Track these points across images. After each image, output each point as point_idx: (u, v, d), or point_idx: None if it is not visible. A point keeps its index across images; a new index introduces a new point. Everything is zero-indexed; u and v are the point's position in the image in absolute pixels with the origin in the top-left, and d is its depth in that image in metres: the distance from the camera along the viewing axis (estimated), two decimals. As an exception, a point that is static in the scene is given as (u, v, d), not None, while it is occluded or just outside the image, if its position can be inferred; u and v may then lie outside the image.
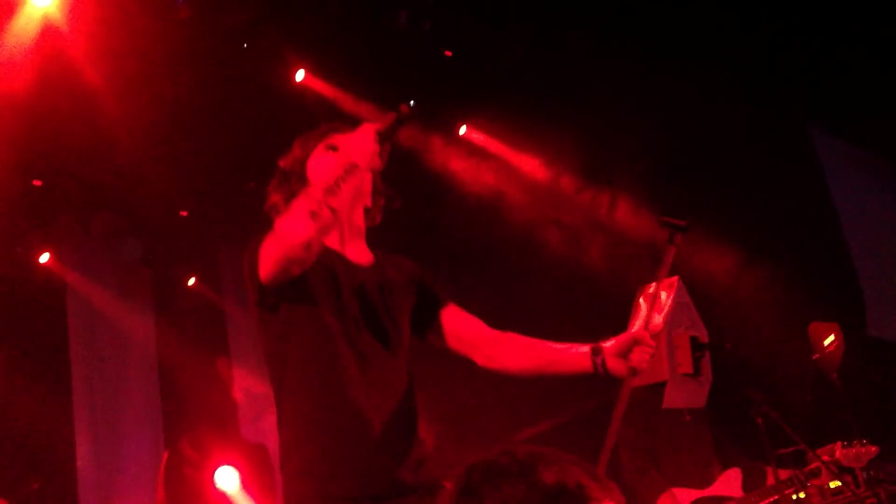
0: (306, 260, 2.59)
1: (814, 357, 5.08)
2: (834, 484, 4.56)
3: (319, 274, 2.71)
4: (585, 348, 2.90)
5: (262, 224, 2.89)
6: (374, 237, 3.07)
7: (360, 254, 2.91)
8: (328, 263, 2.77)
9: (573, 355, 2.92)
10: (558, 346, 2.98)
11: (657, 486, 4.85)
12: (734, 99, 6.51)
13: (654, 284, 4.55)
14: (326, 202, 2.56)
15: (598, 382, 3.00)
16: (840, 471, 4.47)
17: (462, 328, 3.02)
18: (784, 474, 4.64)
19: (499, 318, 3.09)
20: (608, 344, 2.88)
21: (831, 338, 5.00)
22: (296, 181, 2.92)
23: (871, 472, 4.41)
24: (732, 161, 6.59)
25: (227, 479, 6.81)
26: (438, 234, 7.67)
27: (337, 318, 2.72)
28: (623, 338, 2.87)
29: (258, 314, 2.79)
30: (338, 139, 2.92)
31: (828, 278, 6.24)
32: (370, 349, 2.74)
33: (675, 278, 3.81)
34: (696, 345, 3.40)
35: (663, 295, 4.33)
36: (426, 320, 3.01)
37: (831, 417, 5.17)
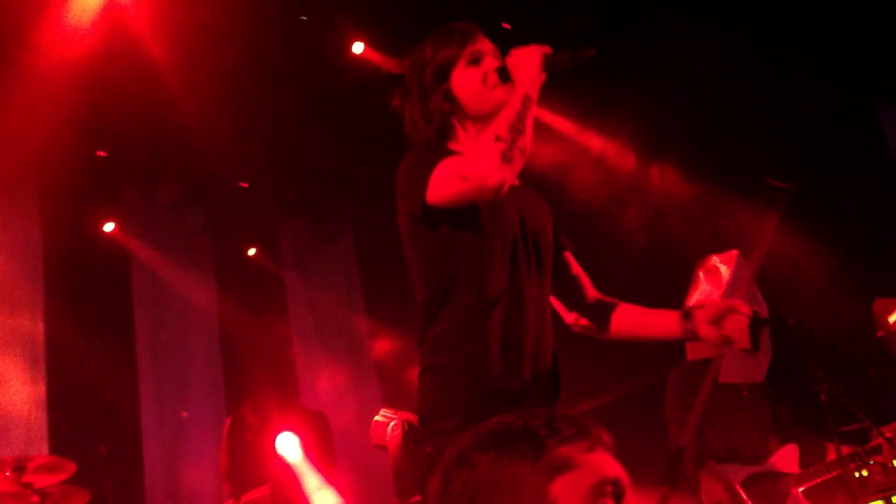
0: (491, 200, 2.57)
1: (878, 334, 5.00)
2: (897, 462, 4.50)
3: None
4: (676, 313, 2.85)
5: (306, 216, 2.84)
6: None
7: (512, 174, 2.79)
8: None
9: (663, 319, 2.88)
10: (650, 310, 2.93)
11: (697, 462, 4.84)
12: (800, 73, 6.39)
13: (716, 258, 4.50)
14: (517, 144, 2.53)
15: (657, 355, 2.96)
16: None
17: (572, 280, 3.00)
18: (846, 451, 4.59)
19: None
20: (700, 310, 2.81)
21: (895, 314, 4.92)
22: (443, 97, 2.79)
23: None
24: (798, 136, 6.49)
25: (288, 445, 6.90)
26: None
27: (499, 236, 2.69)
28: (717, 304, 2.79)
29: (411, 224, 2.73)
30: (479, 49, 2.82)
31: (893, 254, 6.12)
32: (527, 270, 2.72)
33: (734, 252, 3.76)
34: (754, 320, 3.36)
35: (724, 269, 4.30)
36: (556, 257, 2.97)
37: (895, 395, 5.09)
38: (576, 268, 3.02)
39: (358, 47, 6.67)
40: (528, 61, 2.66)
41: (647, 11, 6.45)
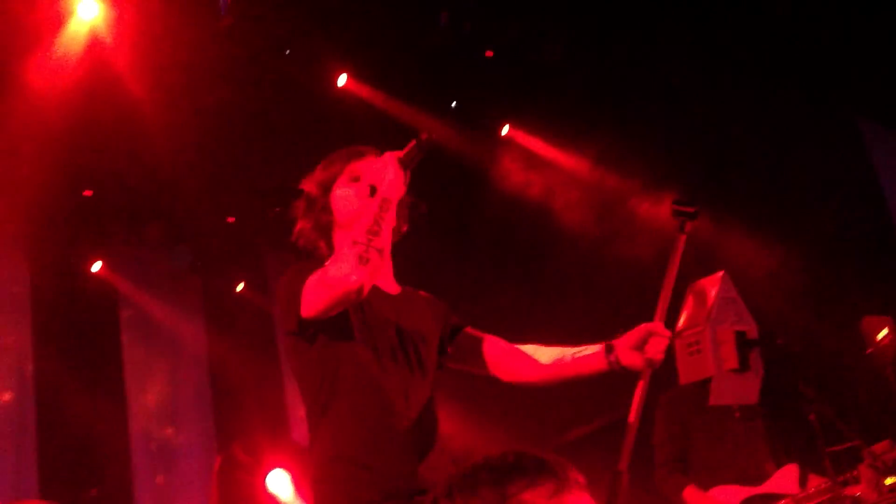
0: (355, 302, 2.68)
1: (867, 351, 5.00)
2: (889, 481, 4.47)
3: (356, 306, 2.79)
4: (598, 347, 2.94)
5: (293, 250, 2.99)
6: (414, 244, 3.11)
7: (388, 284, 3.00)
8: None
9: (589, 357, 2.95)
10: (574, 350, 3.01)
11: (679, 484, 4.82)
12: (785, 92, 6.44)
13: (703, 281, 4.50)
14: (372, 245, 2.63)
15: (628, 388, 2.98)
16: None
17: (482, 350, 3.09)
18: (838, 471, 4.57)
19: (543, 319, 3.10)
20: (620, 339, 2.90)
21: (885, 332, 4.92)
22: (321, 211, 3.00)
23: None
24: (783, 155, 6.52)
25: (279, 482, 6.85)
26: (480, 235, 7.66)
27: (373, 346, 2.83)
28: (636, 331, 2.87)
29: (293, 341, 2.88)
30: (360, 168, 2.98)
31: (881, 272, 6.13)
32: (404, 375, 2.86)
33: (720, 273, 3.76)
34: (742, 340, 3.35)
35: (710, 291, 4.29)
36: (449, 347, 3.10)
37: (886, 413, 5.08)
38: (482, 337, 3.11)
39: (342, 80, 6.69)
40: (385, 169, 2.78)
41: (626, 37, 6.49)
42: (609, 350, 2.90)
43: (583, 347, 2.99)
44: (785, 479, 4.87)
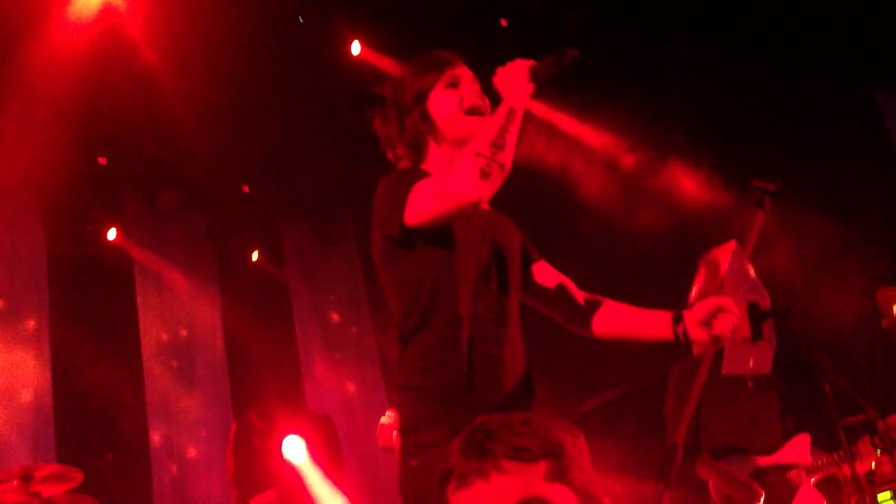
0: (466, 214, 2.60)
1: (882, 323, 4.98)
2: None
3: (459, 219, 2.72)
4: (667, 315, 2.86)
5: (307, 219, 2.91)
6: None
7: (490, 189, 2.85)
8: None
9: (654, 321, 2.88)
10: (642, 311, 2.94)
11: (692, 455, 4.82)
12: (801, 65, 6.37)
13: (716, 251, 4.49)
14: (496, 159, 2.54)
15: (662, 353, 2.96)
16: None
17: (554, 286, 3.02)
18: (853, 441, 4.57)
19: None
20: (690, 311, 2.82)
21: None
22: (418, 118, 2.86)
23: None
24: (799, 127, 6.48)
25: (294, 449, 6.90)
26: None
27: (471, 259, 2.74)
28: (705, 304, 2.78)
29: (389, 247, 2.78)
30: (455, 75, 2.87)
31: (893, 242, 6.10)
32: (497, 292, 2.78)
33: (732, 243, 3.75)
34: (755, 310, 3.34)
35: (723, 261, 4.28)
36: (526, 275, 3.02)
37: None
38: (556, 275, 3.05)
39: (356, 48, 6.65)
40: (514, 76, 2.67)
41: (645, 7, 6.43)
42: (677, 319, 2.82)
43: (650, 311, 2.92)
44: (796, 448, 4.87)
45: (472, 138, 2.68)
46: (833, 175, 6.36)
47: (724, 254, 4.27)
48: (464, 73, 2.87)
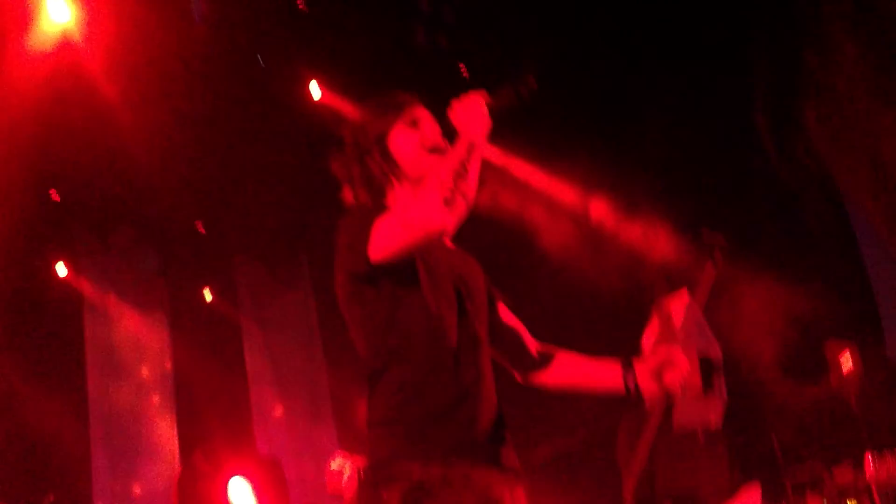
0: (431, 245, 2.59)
1: (830, 376, 5.04)
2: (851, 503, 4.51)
3: (423, 252, 2.69)
4: (617, 365, 2.84)
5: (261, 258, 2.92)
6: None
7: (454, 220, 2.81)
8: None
9: (606, 373, 2.86)
10: (593, 362, 2.92)
11: None
12: (752, 120, 6.49)
13: (670, 302, 4.51)
14: (459, 188, 2.52)
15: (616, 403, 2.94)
16: (855, 491, 4.42)
17: (512, 331, 2.99)
18: (800, 493, 4.60)
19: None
20: (641, 363, 2.80)
21: (847, 357, 4.96)
22: (380, 157, 2.82)
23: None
24: (750, 180, 6.56)
25: (240, 492, 6.80)
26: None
27: (436, 297, 2.70)
28: (655, 355, 2.78)
29: (355, 286, 2.73)
30: (418, 113, 2.84)
31: (846, 297, 6.18)
32: (467, 330, 2.74)
33: (683, 291, 3.77)
34: (707, 364, 3.36)
35: (676, 309, 4.30)
36: (490, 313, 2.95)
37: (848, 437, 5.11)
38: (512, 319, 3.01)
39: (315, 90, 6.68)
40: (471, 110, 2.65)
41: (604, 54, 6.52)
42: (627, 368, 2.81)
43: (600, 360, 2.90)
44: (747, 499, 4.88)
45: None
46: (785, 230, 6.45)
47: (677, 302, 4.30)
48: (423, 113, 2.86)
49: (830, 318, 5.81)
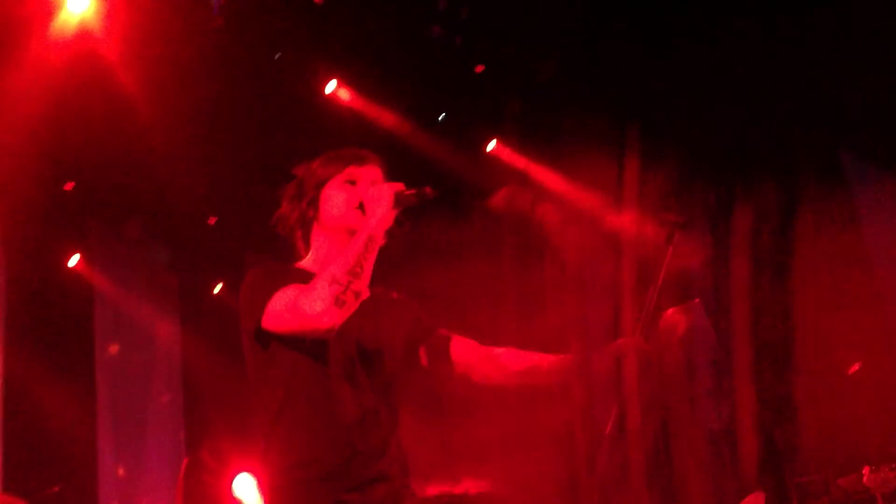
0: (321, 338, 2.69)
1: (838, 381, 5.01)
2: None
3: None
4: (575, 358, 2.97)
5: (273, 253, 2.98)
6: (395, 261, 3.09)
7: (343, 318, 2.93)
8: None
9: (564, 366, 2.99)
10: (550, 357, 3.03)
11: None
12: (765, 122, 6.46)
13: (653, 295, 4.50)
14: (351, 287, 2.62)
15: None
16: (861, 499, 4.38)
17: (451, 352, 3.08)
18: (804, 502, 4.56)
19: (518, 336, 3.11)
20: (598, 353, 2.94)
21: (856, 365, 4.94)
22: (308, 205, 2.98)
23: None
24: (763, 184, 6.53)
25: (245, 487, 6.80)
26: (462, 249, 7.63)
27: (328, 359, 2.80)
28: (614, 345, 2.94)
29: (248, 340, 2.87)
30: (358, 174, 2.95)
31: (853, 303, 6.13)
32: (360, 391, 2.82)
33: (696, 301, 3.77)
34: (714, 367, 3.35)
35: (684, 318, 4.28)
36: (418, 350, 3.09)
37: (856, 444, 5.07)
38: (454, 339, 3.10)
39: (330, 86, 6.69)
40: (380, 199, 2.76)
41: (618, 57, 6.50)
42: (585, 362, 2.91)
43: (559, 356, 3.00)
44: (752, 505, 4.85)
45: (348, 232, 2.82)
46: (793, 231, 6.43)
47: (687, 311, 4.27)
48: (367, 174, 2.95)
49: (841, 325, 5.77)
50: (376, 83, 6.70)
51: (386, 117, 6.76)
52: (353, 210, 2.86)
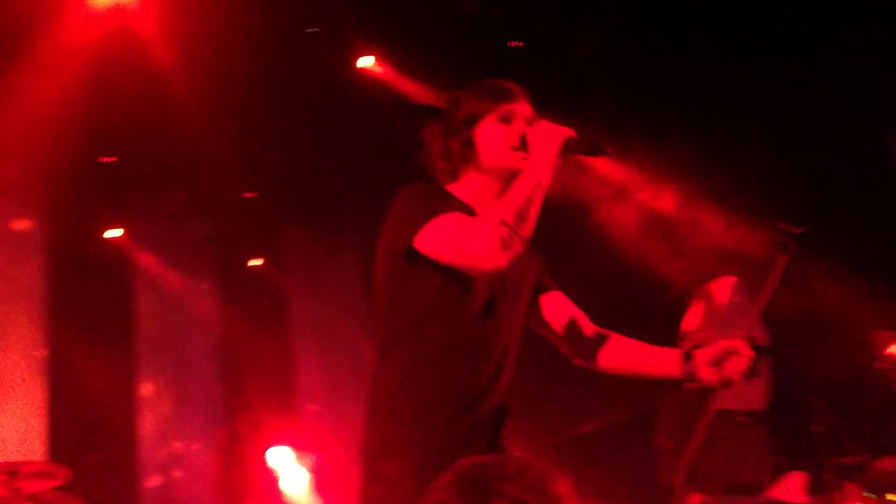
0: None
1: (876, 365, 4.94)
2: (892, 496, 4.41)
3: None
4: (676, 353, 2.86)
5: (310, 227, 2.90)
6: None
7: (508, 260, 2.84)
8: None
9: (664, 359, 2.89)
10: (651, 348, 2.94)
11: (683, 492, 4.73)
12: (812, 105, 6.34)
13: (712, 284, 4.44)
14: (518, 231, 2.55)
15: (648, 386, 2.93)
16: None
17: (564, 320, 3.01)
18: (838, 485, 4.50)
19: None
20: (701, 350, 2.82)
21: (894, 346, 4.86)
22: (463, 143, 2.84)
23: None
24: (810, 169, 6.43)
25: (281, 459, 6.87)
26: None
27: (474, 284, 2.72)
28: (718, 345, 2.79)
29: (388, 257, 2.78)
30: (513, 110, 2.83)
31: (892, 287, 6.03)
32: (496, 327, 2.76)
33: (731, 279, 3.72)
34: (753, 347, 3.29)
35: (719, 295, 4.23)
36: (535, 304, 3.01)
37: (893, 428, 5.00)
38: (568, 307, 3.03)
39: (365, 61, 6.66)
40: (549, 142, 2.67)
41: (657, 38, 6.39)
42: (687, 358, 2.81)
43: (658, 349, 2.93)
44: (791, 487, 4.79)
45: (509, 174, 2.71)
46: (841, 218, 6.31)
47: (720, 288, 4.23)
48: (521, 109, 2.84)
49: (880, 308, 5.68)
50: (411, 57, 6.64)
51: (420, 92, 6.71)
52: (513, 151, 2.76)
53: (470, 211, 2.74)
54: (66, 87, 6.14)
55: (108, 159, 7.27)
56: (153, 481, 7.64)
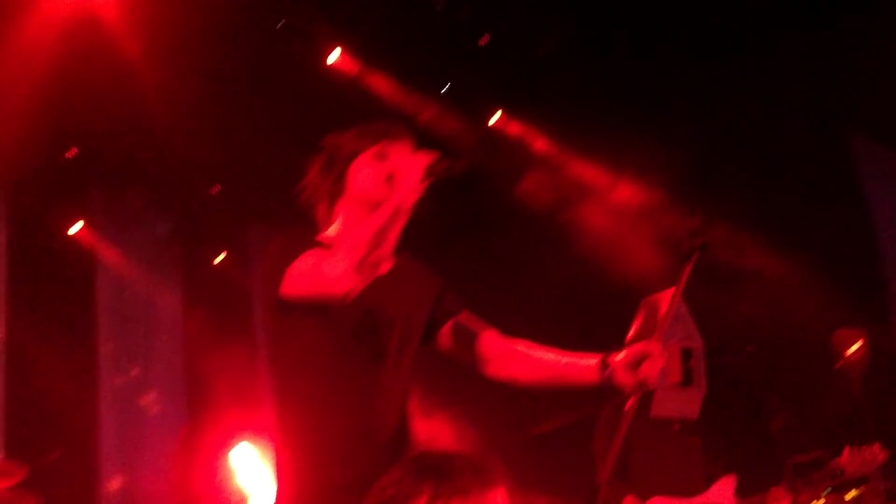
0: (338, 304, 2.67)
1: (837, 364, 4.98)
2: (850, 496, 4.46)
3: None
4: (594, 361, 2.86)
5: (276, 224, 2.95)
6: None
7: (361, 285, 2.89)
8: None
9: (581, 369, 2.88)
10: (568, 358, 2.93)
11: (619, 494, 4.74)
12: (775, 102, 6.41)
13: (658, 295, 4.47)
14: (372, 255, 2.60)
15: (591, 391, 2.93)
16: (853, 479, 4.36)
17: (473, 340, 3.02)
18: (798, 483, 4.54)
19: (514, 319, 3.10)
20: (618, 357, 2.82)
21: (856, 346, 4.91)
22: (336, 178, 2.97)
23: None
24: (770, 166, 6.50)
25: (243, 456, 6.83)
26: (464, 222, 7.60)
27: (346, 332, 2.79)
28: (632, 349, 2.80)
29: (269, 311, 2.86)
30: (390, 150, 2.93)
31: (857, 286, 6.10)
32: (376, 366, 2.81)
33: (672, 290, 3.74)
34: (687, 356, 3.34)
35: (662, 306, 4.26)
36: (438, 331, 3.04)
37: (853, 426, 5.05)
38: (476, 325, 3.04)
39: (334, 56, 6.65)
40: (411, 171, 2.70)
41: (621, 35, 6.45)
42: (604, 366, 2.81)
43: (576, 356, 2.92)
44: (721, 491, 4.82)
45: (375, 205, 2.76)
46: (802, 219, 6.38)
47: (665, 298, 4.25)
48: (399, 149, 2.93)
49: (841, 307, 5.75)
50: (379, 53, 6.65)
51: (389, 88, 6.72)
52: (382, 184, 2.85)
53: (329, 248, 2.78)
54: (31, 79, 6.08)
55: (73, 152, 7.20)
56: (113, 479, 7.57)
